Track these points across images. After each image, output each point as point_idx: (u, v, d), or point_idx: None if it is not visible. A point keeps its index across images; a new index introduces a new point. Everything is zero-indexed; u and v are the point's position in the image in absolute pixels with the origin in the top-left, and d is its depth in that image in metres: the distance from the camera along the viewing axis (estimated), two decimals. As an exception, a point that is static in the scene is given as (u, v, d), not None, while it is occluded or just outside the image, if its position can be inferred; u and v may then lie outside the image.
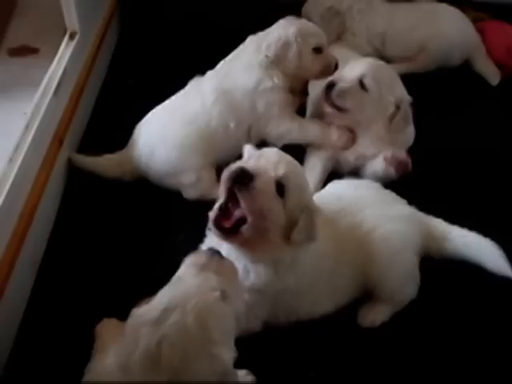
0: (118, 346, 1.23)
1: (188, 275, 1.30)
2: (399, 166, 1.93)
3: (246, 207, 1.39)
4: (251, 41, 2.13)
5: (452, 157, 2.20)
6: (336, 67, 2.08)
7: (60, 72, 2.05)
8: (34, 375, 1.53)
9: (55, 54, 2.13)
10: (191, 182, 2.01)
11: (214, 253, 1.36)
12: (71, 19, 2.20)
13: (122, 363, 1.18)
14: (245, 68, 2.08)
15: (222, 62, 2.16)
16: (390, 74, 2.04)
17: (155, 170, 2.02)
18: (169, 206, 1.99)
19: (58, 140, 1.99)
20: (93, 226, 1.92)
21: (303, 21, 2.16)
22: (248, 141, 1.99)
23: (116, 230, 1.90)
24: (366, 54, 2.42)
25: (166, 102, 2.11)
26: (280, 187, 1.41)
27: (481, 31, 2.74)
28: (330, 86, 1.99)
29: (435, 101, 2.44)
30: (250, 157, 1.50)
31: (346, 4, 2.67)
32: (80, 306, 1.65)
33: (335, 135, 2.05)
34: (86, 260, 1.81)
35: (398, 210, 1.69)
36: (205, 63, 2.18)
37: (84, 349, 1.44)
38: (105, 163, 2.05)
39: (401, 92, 2.01)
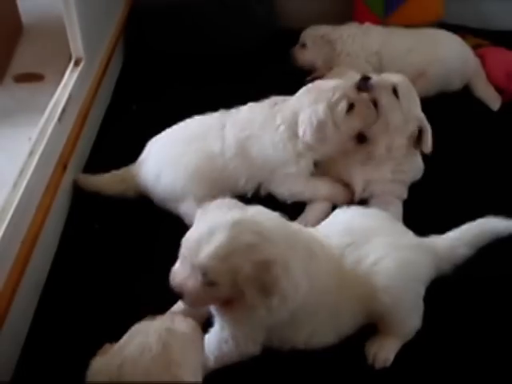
0: None
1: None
2: None
3: None
4: (276, 108, 2.02)
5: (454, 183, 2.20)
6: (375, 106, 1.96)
7: (65, 98, 2.07)
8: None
9: (60, 80, 2.16)
10: (191, 212, 1.99)
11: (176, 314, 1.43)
12: (76, 46, 2.23)
13: None
14: (273, 141, 1.98)
15: (247, 107, 2.09)
16: (416, 95, 2.04)
17: (159, 193, 2.03)
18: (173, 229, 1.98)
19: (62, 165, 2.00)
20: (96, 250, 1.92)
21: (321, 84, 2.02)
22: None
23: (119, 254, 1.90)
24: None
25: (183, 125, 2.10)
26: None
27: (481, 57, 2.76)
28: (366, 79, 1.96)
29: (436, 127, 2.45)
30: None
31: (338, 33, 2.73)
32: (83, 330, 1.65)
33: (343, 195, 2.03)
34: (89, 284, 1.80)
35: (406, 240, 1.64)
36: (208, 90, 2.20)
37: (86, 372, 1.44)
38: (109, 178, 2.06)
39: (422, 116, 2.01)
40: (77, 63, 2.24)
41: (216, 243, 1.34)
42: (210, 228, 1.37)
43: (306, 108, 1.93)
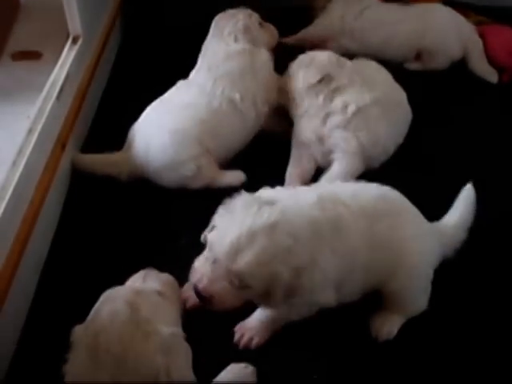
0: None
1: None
2: None
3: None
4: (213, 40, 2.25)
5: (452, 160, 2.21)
6: None
7: (63, 76, 2.05)
8: (36, 379, 1.53)
9: (58, 58, 2.14)
10: (193, 173, 2.01)
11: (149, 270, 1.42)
12: (74, 24, 2.21)
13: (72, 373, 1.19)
14: (229, 56, 2.16)
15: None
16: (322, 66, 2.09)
17: (154, 165, 2.02)
18: (171, 209, 1.99)
19: (61, 144, 1.99)
20: (95, 230, 1.92)
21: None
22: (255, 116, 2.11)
23: (118, 234, 1.91)
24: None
25: (158, 100, 2.14)
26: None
27: (482, 35, 2.74)
28: None
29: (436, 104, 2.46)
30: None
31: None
32: (83, 310, 1.65)
33: None
34: (88, 263, 1.81)
35: (428, 224, 1.66)
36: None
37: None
38: (102, 160, 2.06)
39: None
40: (75, 41, 2.22)
41: (258, 249, 1.30)
42: (248, 231, 1.31)
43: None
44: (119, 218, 1.96)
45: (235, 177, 2.08)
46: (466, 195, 1.74)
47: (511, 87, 2.61)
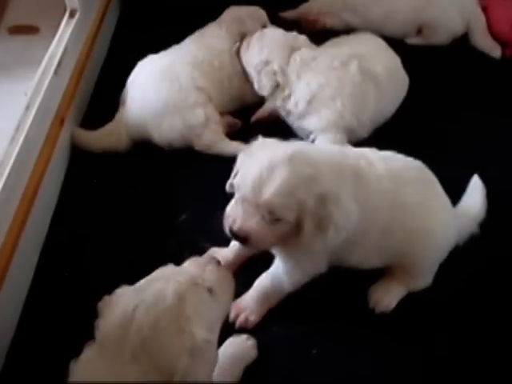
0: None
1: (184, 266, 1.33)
2: None
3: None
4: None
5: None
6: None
7: (60, 50, 2.03)
8: (38, 356, 1.54)
9: (55, 32, 2.11)
10: (202, 121, 2.01)
11: (213, 259, 1.38)
12: (71, -3, 2.18)
13: (101, 329, 1.19)
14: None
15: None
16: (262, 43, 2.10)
17: (153, 117, 2.01)
18: (172, 183, 1.98)
19: (60, 119, 1.98)
20: (95, 205, 1.92)
21: None
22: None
23: (118, 209, 1.90)
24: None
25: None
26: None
27: (485, 8, 2.71)
28: None
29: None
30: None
31: None
32: (83, 288, 1.66)
33: None
34: (88, 240, 1.81)
35: (448, 202, 1.65)
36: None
37: (89, 328, 1.46)
38: (97, 134, 2.05)
39: (264, 57, 2.06)
40: (72, 15, 2.19)
41: (280, 179, 1.32)
42: (268, 165, 1.34)
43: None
44: (119, 193, 1.96)
45: (237, 148, 2.00)
46: (475, 187, 1.75)
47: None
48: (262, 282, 1.59)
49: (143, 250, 1.76)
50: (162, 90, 2.02)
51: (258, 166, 1.36)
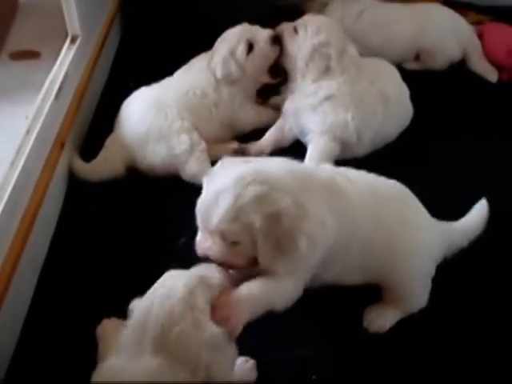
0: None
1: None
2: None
3: None
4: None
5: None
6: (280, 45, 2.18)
7: (61, 75, 2.06)
8: (36, 379, 1.52)
9: (57, 57, 2.14)
10: (186, 148, 2.03)
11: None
12: (73, 23, 2.21)
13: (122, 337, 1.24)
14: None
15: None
16: (326, 26, 2.15)
17: (138, 142, 2.05)
18: (170, 208, 1.99)
19: (60, 143, 1.99)
20: (94, 230, 1.92)
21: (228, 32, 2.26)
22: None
23: (117, 233, 1.90)
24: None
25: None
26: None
27: (481, 34, 2.74)
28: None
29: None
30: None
31: None
32: (82, 310, 1.65)
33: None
34: (87, 264, 1.81)
35: (433, 220, 1.66)
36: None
37: (88, 352, 1.45)
38: (93, 166, 2.06)
39: (317, 41, 2.09)
40: (73, 40, 2.22)
41: (222, 206, 1.33)
42: (215, 191, 1.35)
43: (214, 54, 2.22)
44: (117, 217, 1.96)
45: None
46: (478, 208, 1.77)
47: (511, 86, 2.61)
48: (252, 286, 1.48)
49: (143, 274, 1.73)
50: (148, 117, 2.06)
51: (206, 193, 1.38)
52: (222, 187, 1.35)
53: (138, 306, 1.28)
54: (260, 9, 2.84)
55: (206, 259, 1.40)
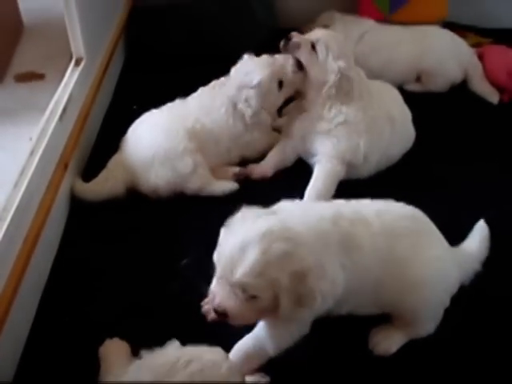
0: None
1: None
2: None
3: None
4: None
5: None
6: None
7: (65, 97, 2.07)
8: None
9: (61, 79, 2.16)
10: (190, 170, 2.05)
11: None
12: (77, 45, 2.23)
13: None
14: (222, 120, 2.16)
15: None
16: (342, 46, 2.12)
17: (142, 164, 2.05)
18: (172, 228, 1.99)
19: (64, 164, 2.00)
20: (96, 250, 1.91)
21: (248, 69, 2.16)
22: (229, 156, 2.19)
23: (119, 254, 1.90)
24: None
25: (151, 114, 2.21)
26: None
27: (481, 55, 2.76)
28: (288, 39, 2.13)
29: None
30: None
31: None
32: (84, 331, 1.65)
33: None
34: (89, 285, 1.80)
35: (450, 248, 1.64)
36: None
37: (90, 374, 1.44)
38: (93, 185, 2.07)
39: (343, 64, 2.07)
40: (77, 63, 2.24)
41: (250, 259, 1.31)
42: (241, 243, 1.33)
43: (242, 96, 2.13)
44: (121, 238, 1.95)
45: (227, 186, 2.11)
46: (478, 229, 1.75)
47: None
48: (244, 344, 1.53)
49: (145, 294, 1.75)
50: (158, 141, 2.06)
51: (231, 245, 1.36)
52: (249, 240, 1.33)
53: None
54: (260, 31, 2.88)
55: (220, 314, 1.39)
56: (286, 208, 1.50)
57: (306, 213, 1.48)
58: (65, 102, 2.05)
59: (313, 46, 2.10)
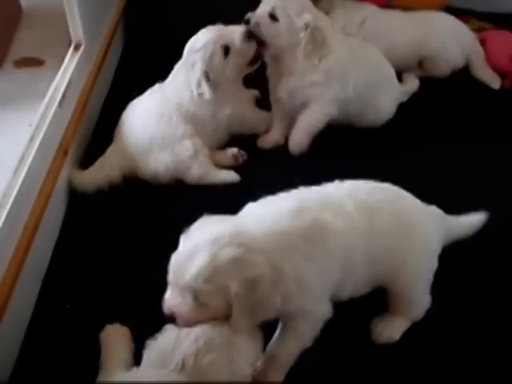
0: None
1: None
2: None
3: None
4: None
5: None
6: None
7: (65, 83, 2.06)
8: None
9: (60, 65, 2.15)
10: (190, 154, 2.04)
11: None
12: (76, 31, 2.22)
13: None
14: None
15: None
16: (299, 3, 2.13)
17: (141, 150, 2.05)
18: (172, 215, 1.98)
19: (63, 151, 1.99)
20: (96, 237, 1.92)
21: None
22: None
23: (119, 241, 1.91)
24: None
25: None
26: None
27: (483, 41, 2.75)
28: (247, 22, 2.11)
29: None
30: None
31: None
32: (84, 318, 1.65)
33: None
34: (89, 271, 1.81)
35: (427, 208, 1.64)
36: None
37: (90, 360, 1.45)
38: (89, 173, 2.06)
39: (308, 17, 2.08)
40: (77, 48, 2.23)
41: (197, 264, 1.28)
42: (192, 249, 1.32)
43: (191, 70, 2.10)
44: (120, 226, 1.96)
45: (229, 175, 2.10)
46: (476, 215, 1.75)
47: (513, 93, 2.62)
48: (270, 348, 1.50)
49: (144, 281, 1.75)
50: (150, 125, 2.06)
51: (182, 249, 1.35)
52: (199, 245, 1.31)
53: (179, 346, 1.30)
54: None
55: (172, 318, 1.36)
56: (249, 211, 1.47)
57: (264, 214, 1.43)
58: (64, 87, 2.05)
59: (272, 16, 2.09)
